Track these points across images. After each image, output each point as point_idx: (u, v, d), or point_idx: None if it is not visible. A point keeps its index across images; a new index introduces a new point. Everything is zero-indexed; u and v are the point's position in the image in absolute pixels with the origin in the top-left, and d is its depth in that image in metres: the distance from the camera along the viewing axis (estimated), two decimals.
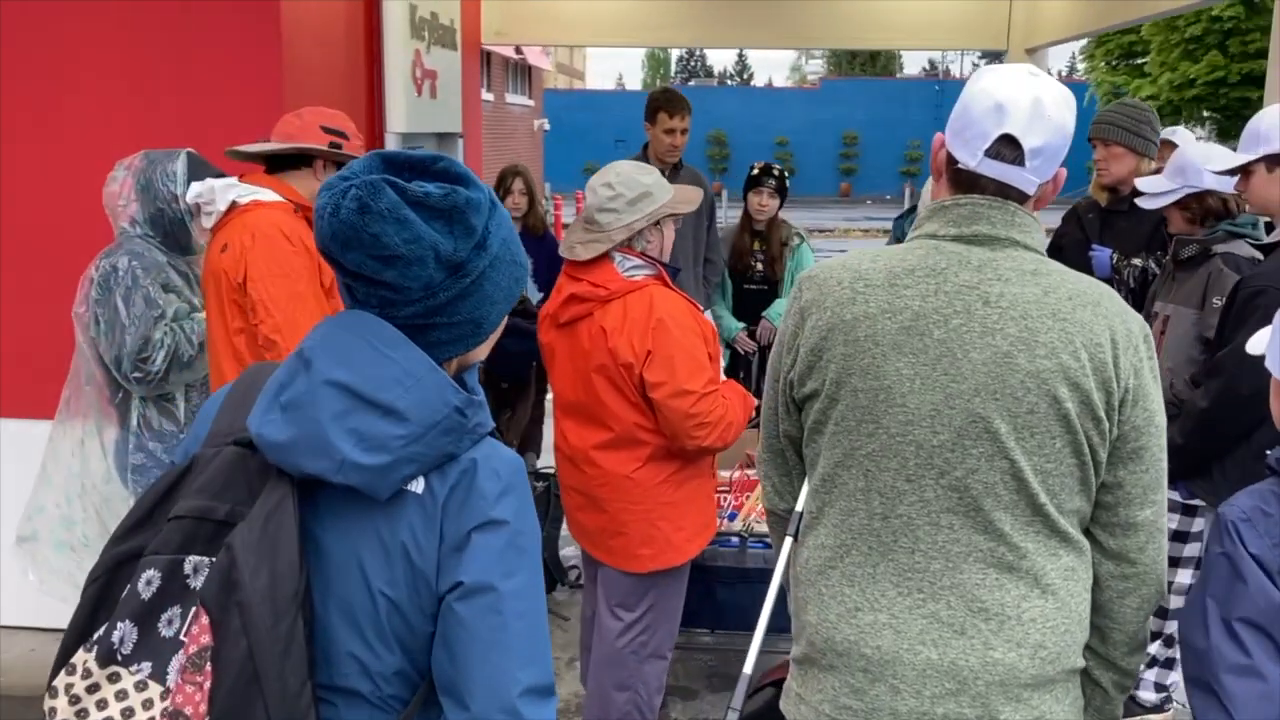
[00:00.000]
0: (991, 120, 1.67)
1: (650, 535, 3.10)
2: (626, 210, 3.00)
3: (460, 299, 1.40)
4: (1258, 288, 2.96)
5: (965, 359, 1.64)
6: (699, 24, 6.83)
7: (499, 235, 1.43)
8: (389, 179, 1.36)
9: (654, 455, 3.06)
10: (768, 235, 5.24)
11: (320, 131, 3.02)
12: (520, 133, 18.55)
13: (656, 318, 2.93)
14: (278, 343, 2.81)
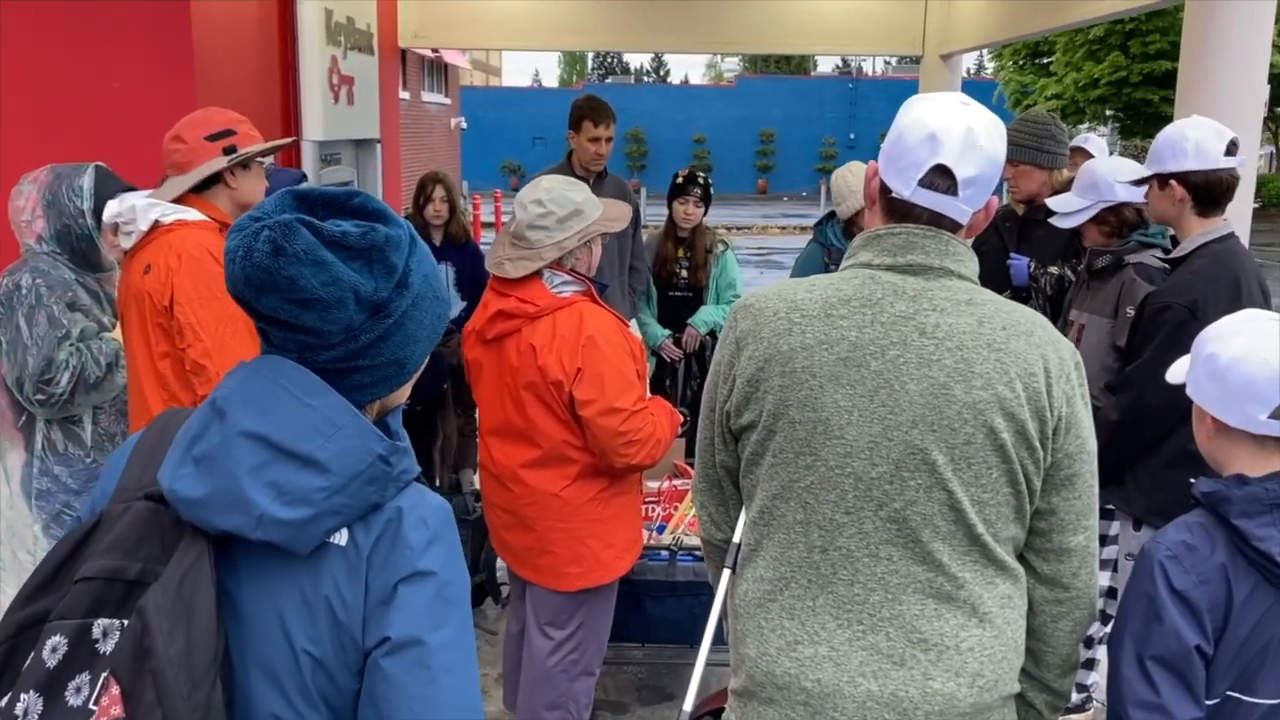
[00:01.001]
0: (925, 150, 1.68)
1: (579, 553, 3.08)
2: (557, 228, 2.97)
3: (382, 340, 1.34)
4: (1163, 304, 3.04)
5: (903, 390, 1.64)
6: (617, 28, 6.81)
7: (420, 272, 1.38)
8: (303, 218, 1.30)
9: (582, 473, 3.04)
10: (692, 242, 5.24)
11: (207, 144, 2.88)
12: (437, 132, 18.33)
13: (586, 335, 2.91)
14: (207, 367, 2.71)
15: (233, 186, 2.90)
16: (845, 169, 4.64)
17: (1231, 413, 1.80)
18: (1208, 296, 2.98)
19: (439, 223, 5.30)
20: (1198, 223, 3.07)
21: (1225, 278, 3.01)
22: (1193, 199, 3.04)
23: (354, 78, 5.18)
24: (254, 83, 4.47)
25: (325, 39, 4.74)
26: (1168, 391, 2.99)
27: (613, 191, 5.10)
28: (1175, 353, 2.97)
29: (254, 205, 2.93)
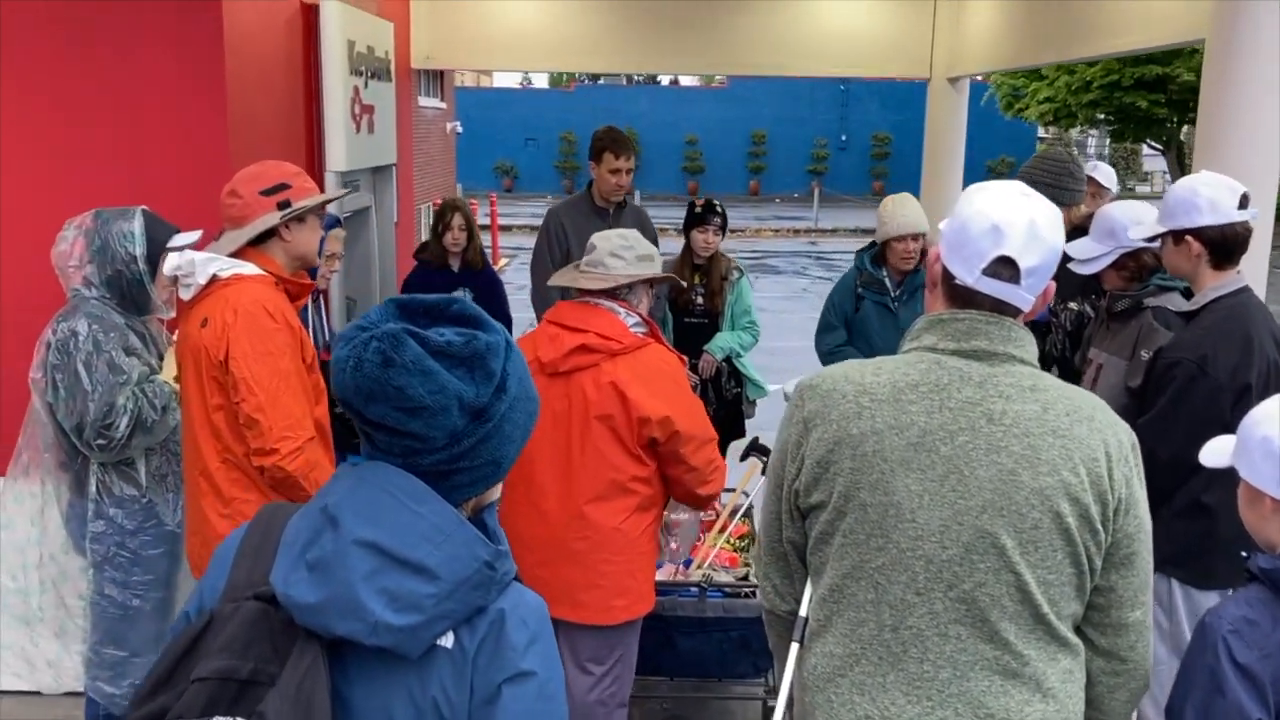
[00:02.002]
0: (989, 241, 1.75)
1: (626, 586, 3.17)
2: (635, 263, 3.17)
3: (483, 443, 1.41)
4: (1174, 359, 3.11)
5: (972, 476, 1.72)
6: (625, 50, 6.87)
7: (515, 375, 1.46)
8: (408, 328, 1.38)
9: (640, 505, 3.17)
10: (709, 269, 5.31)
11: (262, 199, 2.93)
12: (433, 136, 18.30)
13: (670, 377, 3.12)
14: (260, 421, 2.77)
15: (287, 240, 2.96)
16: (889, 199, 4.73)
17: None
18: (1218, 353, 3.05)
19: (457, 249, 5.38)
20: (1212, 276, 3.14)
21: (1237, 334, 3.08)
22: (1209, 253, 3.11)
23: (374, 106, 5.23)
24: (282, 116, 4.53)
25: (348, 70, 4.80)
26: (1178, 445, 3.09)
27: (632, 221, 5.19)
28: (1185, 408, 3.08)
29: (308, 257, 3.01)
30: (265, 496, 2.88)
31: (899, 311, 4.75)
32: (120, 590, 3.30)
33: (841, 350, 4.82)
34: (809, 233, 26.58)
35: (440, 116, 19.34)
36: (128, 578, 3.30)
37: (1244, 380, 3.07)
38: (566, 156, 37.11)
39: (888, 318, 4.77)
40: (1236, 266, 3.17)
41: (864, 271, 4.81)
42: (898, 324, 4.73)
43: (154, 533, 3.32)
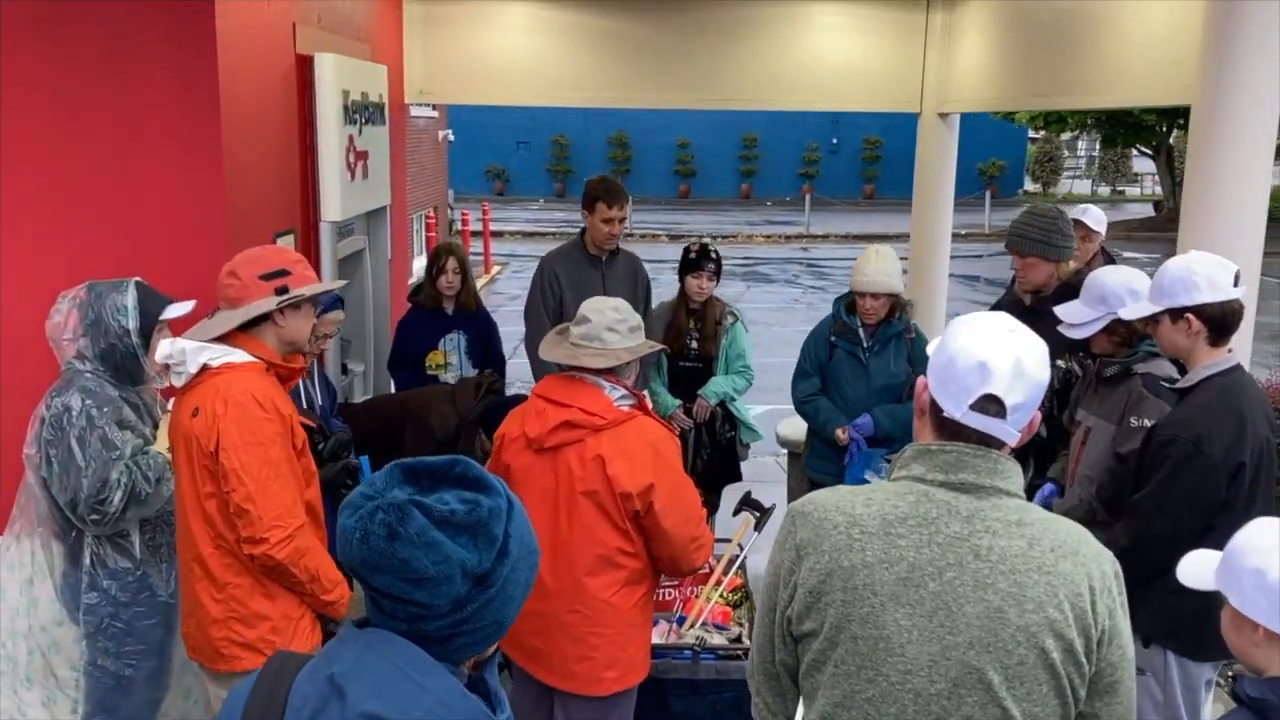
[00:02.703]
0: (975, 378, 1.80)
1: (617, 658, 3.21)
2: (629, 335, 3.21)
3: (486, 606, 1.46)
4: (1169, 437, 3.15)
5: (960, 612, 1.76)
6: (618, 84, 6.90)
7: (517, 535, 1.50)
8: (415, 499, 1.42)
9: (630, 579, 3.19)
10: (703, 314, 5.34)
11: (260, 282, 2.95)
12: (425, 145, 18.31)
13: (654, 449, 3.11)
14: (249, 511, 2.81)
15: (280, 325, 2.99)
16: (869, 250, 4.78)
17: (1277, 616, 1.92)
18: (1212, 432, 3.09)
19: (451, 293, 5.39)
20: (1207, 353, 3.19)
21: (1231, 413, 3.13)
22: (1208, 330, 3.15)
23: (368, 152, 5.25)
24: (276, 169, 4.55)
25: (343, 120, 4.81)
26: (1173, 521, 3.14)
27: (624, 268, 5.24)
28: (1180, 485, 3.13)
29: (299, 343, 3.04)
30: (258, 582, 2.93)
31: (869, 363, 4.81)
32: (113, 660, 3.33)
33: (814, 399, 4.89)
34: (800, 238, 26.63)
35: (432, 125, 19.37)
36: (120, 648, 3.33)
37: (1237, 459, 3.12)
38: (559, 160, 37.11)
39: (858, 368, 4.83)
40: (1229, 344, 3.23)
41: (839, 319, 4.86)
42: (868, 375, 4.80)
43: (147, 604, 3.35)
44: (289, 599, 2.98)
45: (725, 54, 6.84)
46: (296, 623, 3.00)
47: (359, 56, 5.41)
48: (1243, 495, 3.17)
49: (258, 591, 2.94)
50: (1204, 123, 3.72)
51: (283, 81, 4.58)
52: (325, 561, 2.96)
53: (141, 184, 3.96)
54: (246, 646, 2.95)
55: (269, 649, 2.93)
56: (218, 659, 2.97)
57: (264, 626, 2.95)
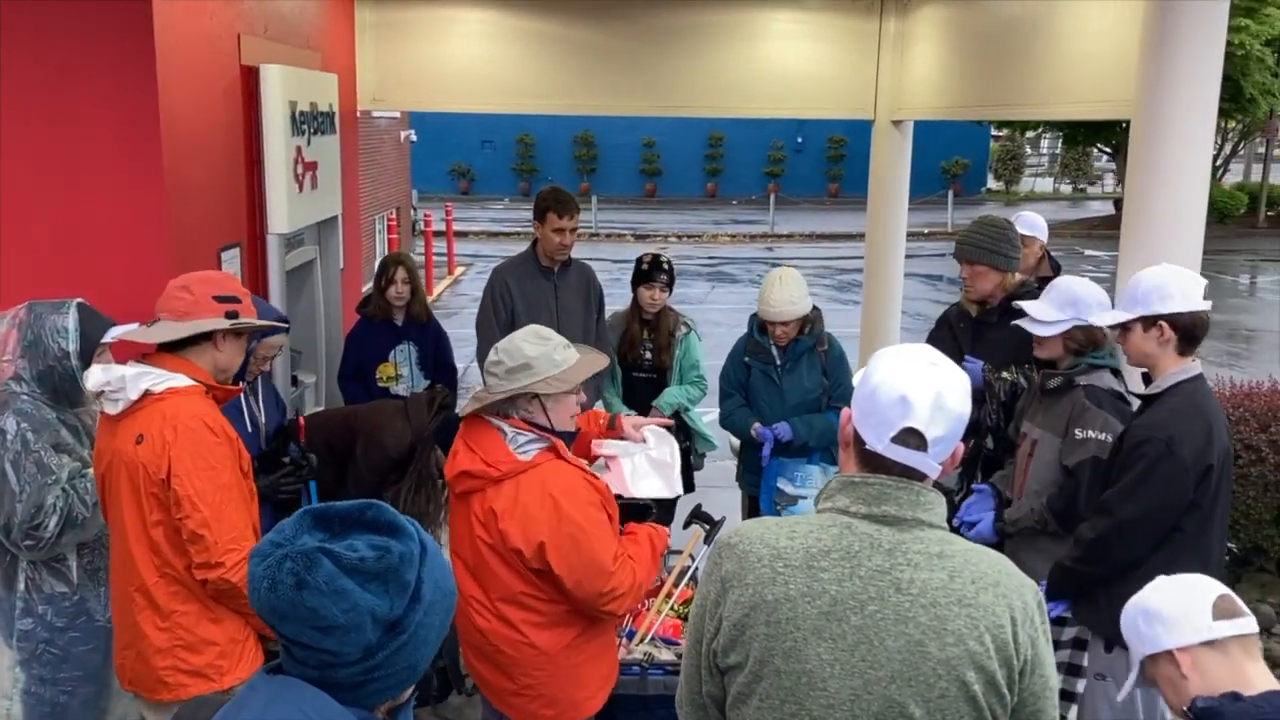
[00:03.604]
0: (897, 412, 1.81)
1: (555, 697, 3.15)
2: (505, 378, 3.03)
3: (398, 652, 1.46)
4: (1143, 438, 3.24)
5: (881, 647, 1.77)
6: (575, 91, 6.87)
7: (431, 579, 1.49)
8: (323, 547, 1.41)
9: (552, 621, 3.08)
10: (656, 324, 5.34)
11: (214, 303, 2.94)
12: (387, 145, 18.18)
13: (553, 502, 2.93)
14: (204, 536, 2.79)
15: (220, 349, 2.96)
16: (771, 278, 4.81)
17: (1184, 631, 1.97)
18: (1183, 435, 3.19)
19: (400, 304, 5.36)
20: (1175, 361, 3.28)
21: (1199, 419, 3.23)
22: (1178, 338, 3.25)
23: (317, 162, 5.20)
24: (222, 183, 4.50)
25: (290, 132, 4.76)
26: (1142, 520, 3.23)
27: (576, 279, 5.22)
28: (1152, 482, 3.19)
29: (229, 372, 3.00)
30: (205, 607, 2.91)
31: (782, 381, 4.87)
32: (49, 687, 3.28)
33: (734, 413, 4.98)
34: (765, 238, 26.70)
35: (394, 125, 19.26)
36: (56, 674, 3.28)
37: (1206, 462, 3.23)
38: (524, 159, 37.00)
39: (773, 387, 4.89)
40: (1195, 353, 3.31)
41: (753, 339, 4.93)
42: (782, 393, 4.86)
43: (84, 629, 3.30)
44: (235, 622, 2.95)
45: (682, 61, 6.84)
46: (242, 645, 2.97)
47: (308, 66, 5.36)
48: (1209, 498, 3.27)
49: (205, 617, 2.91)
50: (1143, 132, 3.76)
51: (227, 93, 4.53)
52: None
53: (81, 200, 3.90)
54: (194, 674, 2.91)
55: (216, 674, 2.92)
56: (160, 688, 2.93)
57: (211, 652, 2.93)
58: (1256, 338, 14.74)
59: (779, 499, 4.92)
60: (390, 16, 6.60)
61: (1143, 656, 2.10)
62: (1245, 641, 2.02)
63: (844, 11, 6.79)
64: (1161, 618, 2.05)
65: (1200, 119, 3.62)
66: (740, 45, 6.83)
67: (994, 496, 4.05)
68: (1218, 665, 2.00)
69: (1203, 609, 2.02)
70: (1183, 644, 2.02)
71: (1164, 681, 2.07)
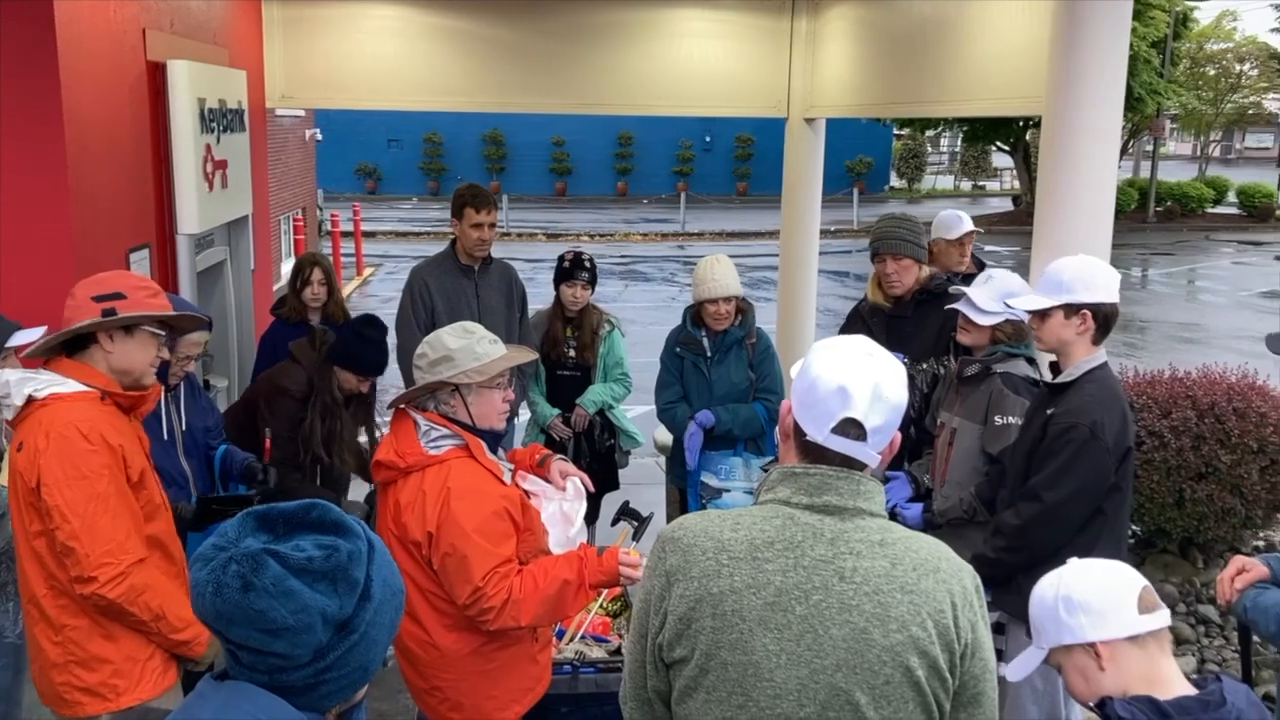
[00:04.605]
0: (836, 402, 1.83)
1: (459, 703, 3.10)
2: (428, 370, 3.01)
3: (349, 653, 1.43)
4: (1069, 424, 3.31)
5: (826, 635, 1.79)
6: (488, 89, 6.81)
7: (380, 578, 1.46)
8: (269, 548, 1.38)
9: (455, 626, 3.03)
10: (580, 322, 5.33)
11: (91, 304, 2.81)
12: (292, 145, 17.80)
13: (446, 497, 2.89)
14: (75, 549, 2.67)
15: (108, 350, 2.83)
16: (705, 262, 4.85)
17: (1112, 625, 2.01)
18: (1105, 419, 3.28)
19: (316, 304, 5.25)
20: (1087, 349, 3.35)
21: (1116, 404, 3.34)
22: (1096, 328, 3.33)
23: (227, 160, 5.07)
24: (128, 182, 4.36)
25: (199, 129, 4.64)
26: (1069, 504, 3.31)
27: (498, 277, 5.18)
28: (1078, 467, 3.27)
29: (134, 373, 2.87)
30: (96, 623, 2.79)
31: (711, 372, 4.88)
32: None
33: (672, 406, 4.94)
34: (677, 236, 26.84)
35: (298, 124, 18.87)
36: None
37: (1125, 445, 3.34)
38: (432, 158, 36.62)
39: (701, 378, 4.90)
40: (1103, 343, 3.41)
41: (685, 331, 4.94)
42: (710, 384, 4.88)
43: None
44: (134, 640, 2.82)
45: (595, 59, 6.83)
46: (143, 665, 2.83)
47: (215, 62, 5.22)
48: (1126, 480, 3.39)
49: (96, 633, 2.78)
50: (1054, 129, 3.87)
51: (133, 90, 4.39)
52: (173, 599, 2.81)
53: None
54: (88, 691, 2.79)
55: (112, 694, 2.79)
56: (62, 704, 2.82)
57: (105, 670, 2.79)
58: (1151, 328, 15.31)
59: (704, 492, 4.94)
60: (298, 12, 6.46)
61: (1058, 644, 2.09)
62: (1161, 636, 2.03)
63: (756, 10, 6.85)
64: (1088, 609, 2.04)
65: (1108, 114, 3.73)
66: (653, 43, 6.85)
67: (910, 484, 4.13)
68: (1135, 660, 2.01)
69: (1129, 602, 2.02)
70: (1107, 638, 2.01)
71: (1075, 670, 2.07)
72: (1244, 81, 40.46)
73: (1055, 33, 3.79)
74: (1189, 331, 15.14)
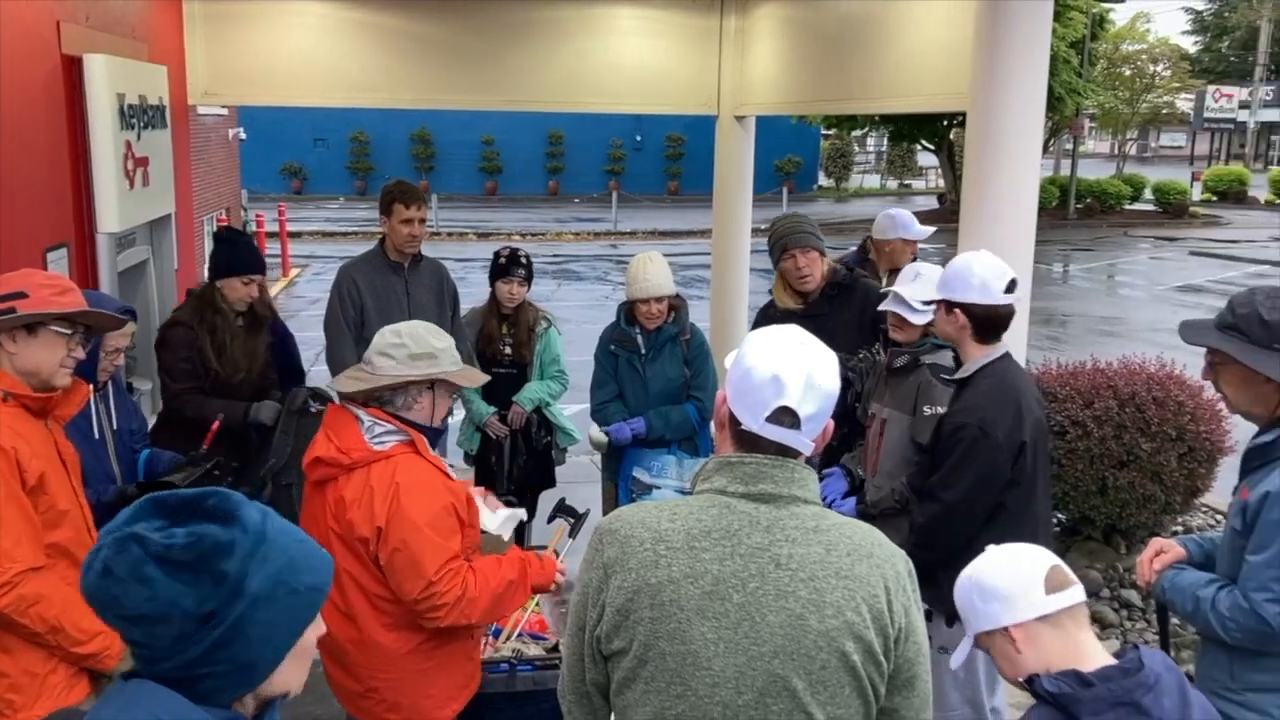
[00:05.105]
0: (770, 391, 1.84)
1: (398, 703, 3.07)
2: (405, 362, 2.98)
3: (220, 648, 1.38)
4: (959, 424, 3.39)
5: (763, 622, 1.80)
6: (416, 86, 6.74)
7: (263, 573, 1.41)
8: (134, 533, 1.35)
9: (401, 623, 3.01)
10: (516, 319, 5.30)
11: None
12: (214, 144, 17.42)
13: (395, 492, 2.87)
14: None
15: (10, 351, 2.75)
16: (637, 260, 4.85)
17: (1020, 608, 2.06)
18: (995, 417, 3.34)
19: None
20: (976, 347, 3.43)
21: (1008, 399, 3.38)
22: (973, 328, 3.40)
23: (148, 157, 4.95)
24: (45, 181, 4.23)
25: (119, 125, 4.52)
26: (967, 502, 3.36)
27: (429, 275, 5.13)
28: (970, 465, 3.32)
29: (42, 374, 2.80)
30: None
31: (644, 369, 4.89)
32: None
33: (607, 405, 4.94)
34: (609, 235, 26.84)
35: (221, 123, 18.50)
36: None
37: (1019, 439, 3.38)
38: (359, 157, 36.17)
39: (636, 376, 4.90)
40: (1000, 341, 3.44)
41: (619, 329, 4.93)
42: (645, 382, 4.89)
43: None
44: (33, 654, 2.72)
45: (526, 56, 6.80)
46: (43, 680, 2.73)
47: (135, 57, 5.09)
48: (1027, 474, 3.43)
49: None
50: (979, 125, 3.94)
51: (47, 84, 4.26)
52: (76, 610, 2.69)
53: None
54: None
55: (8, 709, 2.69)
56: None
57: (1, 684, 2.69)
58: (1072, 322, 15.68)
59: (635, 487, 4.95)
60: (220, 7, 6.33)
61: (980, 631, 2.14)
62: (1075, 611, 2.08)
63: (685, 8, 6.88)
64: (997, 594, 2.08)
65: (1031, 110, 3.82)
66: (583, 41, 6.84)
67: (846, 478, 4.18)
68: (1051, 639, 2.05)
69: (1035, 584, 2.06)
70: (1018, 621, 2.06)
71: (999, 654, 2.12)
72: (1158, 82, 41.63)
73: (979, 31, 3.86)
74: (1109, 324, 15.53)
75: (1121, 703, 1.92)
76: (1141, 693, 1.92)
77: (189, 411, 4.31)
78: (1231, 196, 37.11)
